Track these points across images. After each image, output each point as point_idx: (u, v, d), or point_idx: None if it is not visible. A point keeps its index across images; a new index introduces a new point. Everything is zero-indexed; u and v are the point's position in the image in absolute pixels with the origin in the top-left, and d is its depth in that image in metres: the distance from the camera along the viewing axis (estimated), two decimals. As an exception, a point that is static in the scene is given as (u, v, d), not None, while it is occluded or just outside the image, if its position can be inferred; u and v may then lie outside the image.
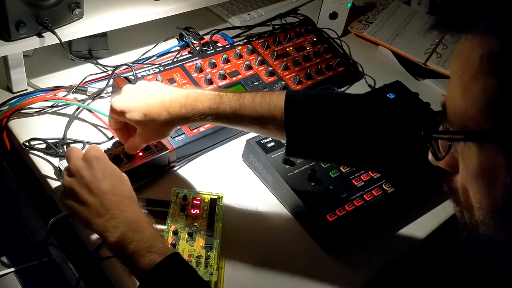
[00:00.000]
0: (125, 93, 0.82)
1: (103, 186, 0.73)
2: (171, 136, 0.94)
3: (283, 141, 0.81)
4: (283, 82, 1.13)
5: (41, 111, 1.00)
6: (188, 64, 1.09)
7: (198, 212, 0.86)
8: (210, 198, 0.89)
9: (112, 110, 0.81)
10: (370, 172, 0.97)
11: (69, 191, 0.74)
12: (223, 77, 1.09)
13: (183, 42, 1.22)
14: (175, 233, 0.82)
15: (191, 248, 0.81)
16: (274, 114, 0.78)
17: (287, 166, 0.93)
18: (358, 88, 1.25)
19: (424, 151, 0.59)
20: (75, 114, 1.01)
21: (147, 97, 0.80)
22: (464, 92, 0.48)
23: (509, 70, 0.44)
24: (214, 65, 1.10)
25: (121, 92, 0.83)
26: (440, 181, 0.58)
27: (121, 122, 0.84)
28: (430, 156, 0.57)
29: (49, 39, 0.96)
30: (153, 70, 1.04)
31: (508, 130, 0.45)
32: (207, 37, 1.24)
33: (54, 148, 0.92)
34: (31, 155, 0.92)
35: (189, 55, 1.19)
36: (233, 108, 0.79)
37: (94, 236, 0.82)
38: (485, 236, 0.51)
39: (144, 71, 1.04)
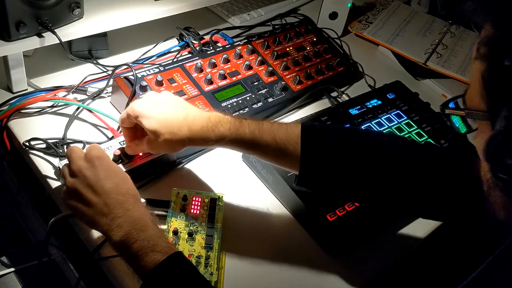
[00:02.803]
0: (148, 99, 0.82)
1: (107, 185, 0.73)
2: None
3: (296, 172, 0.82)
4: (283, 82, 1.13)
5: (41, 111, 1.00)
6: (188, 64, 1.09)
7: (198, 212, 0.86)
8: (210, 198, 0.89)
9: (132, 111, 0.81)
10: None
11: (72, 191, 0.74)
12: (223, 77, 1.09)
13: (183, 42, 1.22)
14: (175, 233, 0.82)
15: (191, 248, 0.81)
16: (290, 138, 0.80)
17: (287, 166, 0.93)
18: (358, 88, 1.25)
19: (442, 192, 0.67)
20: (75, 114, 1.01)
21: (170, 109, 0.80)
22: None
23: (497, 55, 0.51)
24: (214, 65, 1.10)
25: (144, 97, 0.83)
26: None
27: (133, 123, 0.84)
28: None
29: (49, 39, 0.96)
30: (153, 70, 1.04)
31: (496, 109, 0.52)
32: (207, 37, 1.24)
33: (54, 148, 0.92)
34: (31, 155, 0.92)
35: (189, 55, 1.19)
36: (252, 130, 0.80)
37: (94, 236, 0.82)
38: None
39: (144, 71, 1.04)
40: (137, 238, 0.69)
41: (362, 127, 1.06)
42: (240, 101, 1.06)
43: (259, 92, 1.10)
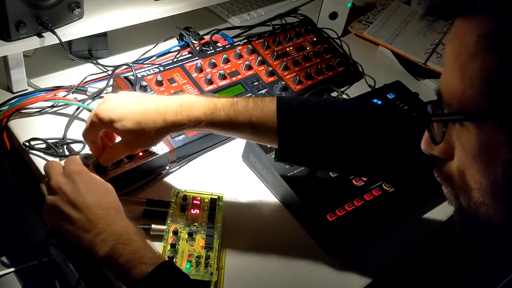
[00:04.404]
0: (111, 102, 0.79)
1: (87, 200, 0.72)
2: (171, 136, 0.94)
3: (276, 146, 0.82)
4: (283, 82, 1.13)
5: (41, 111, 1.00)
6: (188, 64, 1.09)
7: (198, 212, 0.86)
8: (210, 198, 0.89)
9: (98, 119, 0.78)
10: (370, 172, 0.97)
11: (52, 209, 0.72)
12: (223, 77, 1.09)
13: (183, 42, 1.22)
14: (175, 233, 0.82)
15: (191, 248, 0.81)
16: (267, 117, 0.79)
17: (287, 166, 0.93)
18: (358, 88, 1.25)
19: (419, 158, 0.60)
20: (75, 114, 1.01)
21: (139, 105, 0.78)
22: (462, 73, 0.49)
23: (507, 46, 0.45)
24: (214, 65, 1.10)
25: (104, 101, 0.80)
26: (432, 168, 0.58)
27: (100, 133, 0.82)
28: (423, 145, 0.58)
29: (49, 39, 0.96)
30: (153, 70, 1.04)
31: (507, 105, 0.46)
32: (207, 37, 1.24)
33: (54, 148, 0.92)
34: (31, 155, 0.92)
35: (189, 55, 1.19)
36: (227, 113, 0.78)
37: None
38: (484, 217, 0.52)
39: (144, 71, 1.04)
40: (123, 252, 0.68)
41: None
42: (240, 101, 1.06)
43: (259, 92, 1.10)
